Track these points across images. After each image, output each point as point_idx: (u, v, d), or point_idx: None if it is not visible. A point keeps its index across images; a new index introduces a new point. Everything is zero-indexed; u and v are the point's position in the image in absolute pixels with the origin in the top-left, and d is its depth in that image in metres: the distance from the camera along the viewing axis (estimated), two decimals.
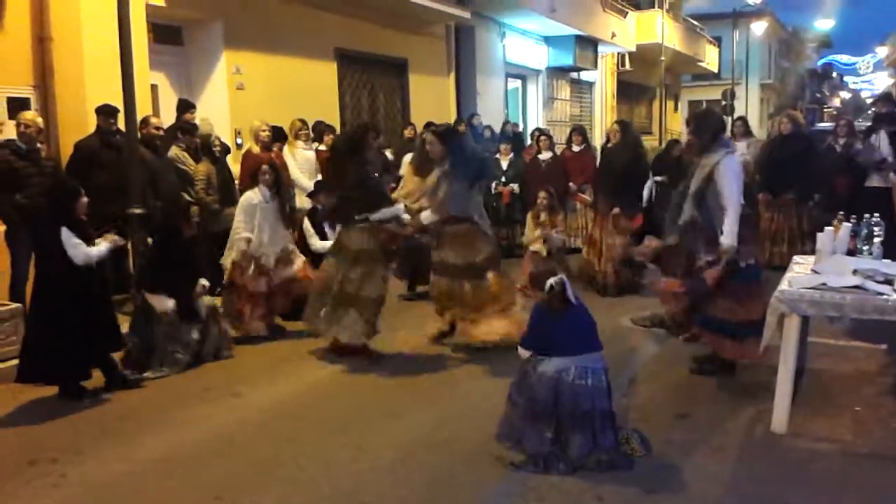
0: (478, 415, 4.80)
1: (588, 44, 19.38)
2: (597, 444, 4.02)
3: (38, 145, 6.64)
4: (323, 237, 7.07)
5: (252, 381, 5.58)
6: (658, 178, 9.06)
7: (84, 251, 5.15)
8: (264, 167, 6.77)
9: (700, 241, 5.16)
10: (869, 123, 10.10)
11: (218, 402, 5.21)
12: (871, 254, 4.80)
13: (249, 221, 6.54)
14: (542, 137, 10.93)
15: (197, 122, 8.36)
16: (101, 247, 5.30)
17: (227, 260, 6.67)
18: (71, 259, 5.10)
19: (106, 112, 7.11)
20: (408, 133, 11.34)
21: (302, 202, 8.44)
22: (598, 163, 9.73)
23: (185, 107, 8.33)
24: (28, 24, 7.55)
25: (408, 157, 8.58)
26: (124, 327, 6.15)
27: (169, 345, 5.80)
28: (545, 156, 10.63)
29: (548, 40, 18.56)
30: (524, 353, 4.27)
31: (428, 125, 10.84)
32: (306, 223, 7.19)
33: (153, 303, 5.79)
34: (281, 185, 6.89)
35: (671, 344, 6.20)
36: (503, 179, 10.64)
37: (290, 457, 4.26)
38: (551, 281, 4.15)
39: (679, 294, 5.34)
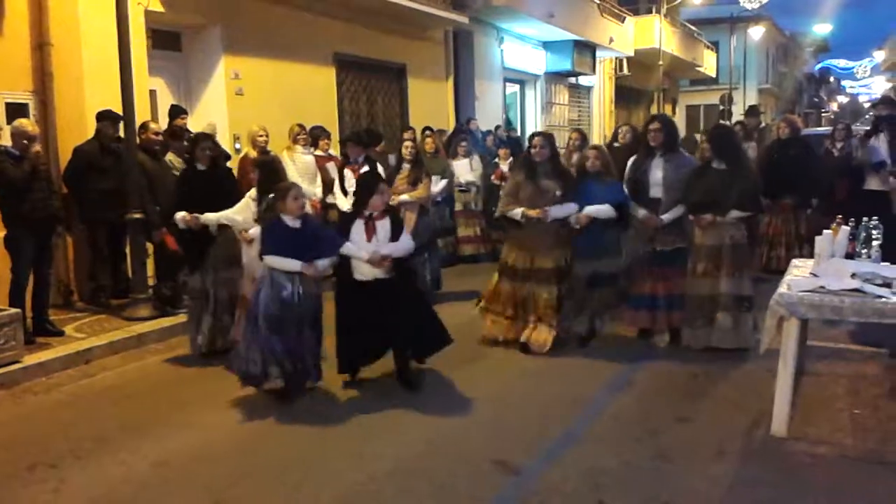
0: (478, 421, 4.82)
1: (586, 49, 19.42)
2: None
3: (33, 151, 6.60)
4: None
5: (253, 388, 5.56)
6: None
7: None
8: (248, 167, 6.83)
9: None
10: (867, 127, 10.09)
11: (218, 408, 5.19)
12: (869, 257, 4.80)
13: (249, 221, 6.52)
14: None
15: (189, 125, 8.34)
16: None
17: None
18: None
19: (111, 118, 7.08)
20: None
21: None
22: None
23: (175, 112, 8.32)
24: (27, 29, 7.55)
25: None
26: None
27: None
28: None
29: (546, 45, 18.60)
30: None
31: (426, 129, 10.92)
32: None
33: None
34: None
35: (671, 348, 6.20)
36: (502, 167, 10.76)
37: (291, 464, 4.25)
38: None
39: None
